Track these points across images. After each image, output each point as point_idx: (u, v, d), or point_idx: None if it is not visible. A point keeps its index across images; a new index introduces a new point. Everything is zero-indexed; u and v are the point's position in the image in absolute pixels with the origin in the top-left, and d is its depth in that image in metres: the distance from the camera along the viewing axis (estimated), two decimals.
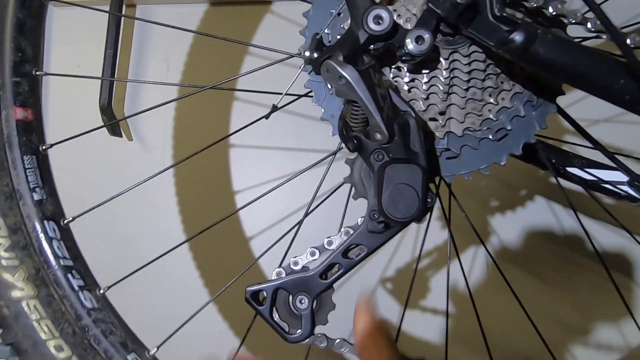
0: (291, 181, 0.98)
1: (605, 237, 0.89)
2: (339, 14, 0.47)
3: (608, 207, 0.57)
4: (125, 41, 1.03)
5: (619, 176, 0.57)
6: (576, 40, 0.40)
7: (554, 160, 0.58)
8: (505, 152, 0.46)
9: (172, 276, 0.97)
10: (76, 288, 0.45)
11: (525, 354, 0.92)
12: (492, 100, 0.45)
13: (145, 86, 1.04)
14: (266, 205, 0.98)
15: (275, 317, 0.44)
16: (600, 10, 0.35)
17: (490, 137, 0.45)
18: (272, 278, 0.44)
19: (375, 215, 0.40)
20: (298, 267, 0.44)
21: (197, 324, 0.95)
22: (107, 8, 0.93)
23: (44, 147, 0.47)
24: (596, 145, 0.53)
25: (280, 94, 0.48)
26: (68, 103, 1.04)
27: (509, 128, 0.45)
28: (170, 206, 1.00)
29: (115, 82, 0.96)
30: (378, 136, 0.38)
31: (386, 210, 0.37)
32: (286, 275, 0.44)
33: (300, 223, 0.51)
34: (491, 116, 0.45)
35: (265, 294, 0.44)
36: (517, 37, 0.37)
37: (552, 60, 0.37)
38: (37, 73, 0.49)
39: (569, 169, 0.55)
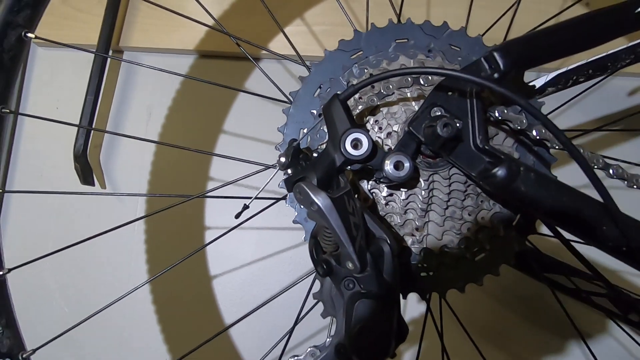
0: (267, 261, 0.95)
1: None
2: (319, 114, 0.45)
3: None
4: (108, 87, 1.00)
5: (598, 288, 0.55)
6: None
7: (535, 266, 0.56)
8: (483, 272, 0.44)
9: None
10: None
11: None
12: (471, 219, 0.43)
13: (124, 132, 1.01)
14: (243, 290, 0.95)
15: None
16: (575, 149, 0.34)
17: (468, 255, 0.43)
18: None
19: (342, 351, 0.37)
20: None
21: None
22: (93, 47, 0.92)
23: (1, 273, 0.43)
24: (579, 257, 0.51)
25: (250, 198, 0.46)
26: (42, 146, 1.01)
27: (487, 248, 0.43)
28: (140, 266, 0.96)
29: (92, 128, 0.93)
30: (349, 265, 0.35)
31: (354, 350, 0.34)
32: None
33: (290, 332, 0.49)
34: (470, 235, 0.43)
35: None
36: (500, 172, 0.35)
37: (533, 199, 0.35)
38: None
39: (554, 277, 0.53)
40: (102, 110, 1.00)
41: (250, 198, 0.44)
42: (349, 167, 0.37)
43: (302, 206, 0.36)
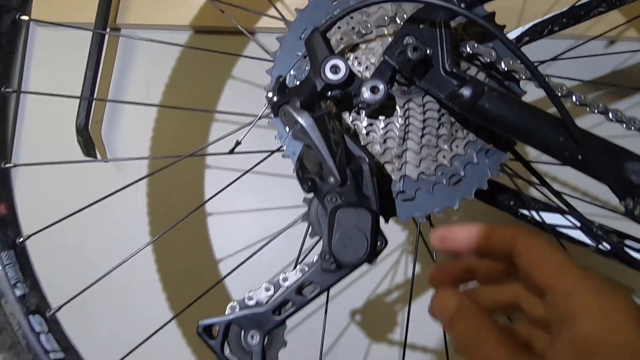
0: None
1: None
2: (304, 56, 0.49)
3: None
4: (106, 64, 1.04)
5: (572, 221, 0.59)
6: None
7: (511, 203, 0.60)
8: (459, 197, 0.48)
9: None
10: None
11: None
12: (446, 147, 0.47)
13: (124, 108, 1.05)
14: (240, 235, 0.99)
15: (227, 351, 0.44)
16: (537, 71, 0.37)
17: (444, 182, 0.47)
18: (226, 312, 0.44)
19: (326, 257, 0.41)
20: (252, 302, 0.45)
21: (161, 354, 0.93)
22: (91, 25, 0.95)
23: (20, 240, 0.47)
24: (549, 188, 0.55)
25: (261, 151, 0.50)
26: (45, 121, 1.04)
27: (462, 174, 0.47)
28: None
29: (93, 103, 0.97)
30: (331, 180, 0.39)
31: (335, 253, 0.38)
32: (240, 309, 0.44)
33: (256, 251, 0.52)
34: (445, 162, 0.47)
35: (217, 328, 0.44)
36: (465, 92, 0.39)
37: (497, 116, 0.39)
38: (7, 166, 0.48)
39: (525, 212, 0.57)
40: (102, 87, 1.03)
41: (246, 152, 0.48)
42: (330, 92, 0.41)
43: (287, 128, 0.40)
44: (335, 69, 0.39)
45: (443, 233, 0.31)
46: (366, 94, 0.40)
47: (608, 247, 0.58)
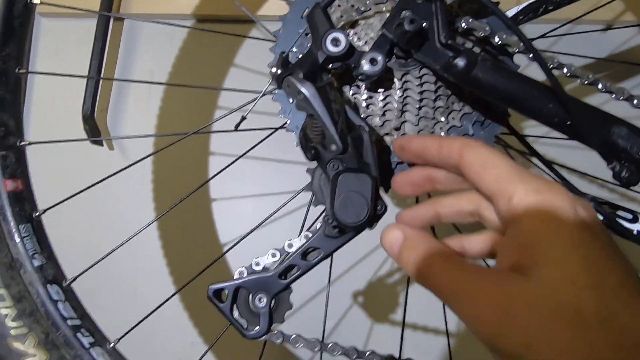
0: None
1: None
2: (306, 34, 0.51)
3: None
4: (111, 54, 1.06)
5: None
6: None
7: None
8: None
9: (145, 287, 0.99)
10: (87, 346, 0.47)
11: None
12: (442, 119, 0.49)
13: (129, 97, 1.07)
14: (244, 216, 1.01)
15: (235, 314, 0.47)
16: (529, 42, 0.39)
17: None
18: (235, 277, 0.47)
19: (329, 220, 0.43)
20: (259, 268, 0.47)
21: (169, 335, 0.96)
22: (95, 17, 0.97)
23: (37, 214, 0.49)
24: (541, 159, 0.57)
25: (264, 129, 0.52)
26: (52, 111, 1.07)
27: None
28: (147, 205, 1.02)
29: (99, 92, 0.99)
30: (333, 147, 0.41)
31: (337, 216, 0.40)
32: (247, 274, 0.47)
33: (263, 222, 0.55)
34: (442, 134, 0.49)
35: (226, 292, 0.46)
36: (460, 62, 0.41)
37: (490, 85, 0.41)
38: (22, 144, 0.51)
39: None
40: (107, 76, 1.05)
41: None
42: (331, 65, 0.43)
43: (290, 99, 0.42)
44: (335, 42, 0.41)
45: (402, 142, 0.33)
46: (365, 65, 0.42)
47: (601, 217, 0.60)
